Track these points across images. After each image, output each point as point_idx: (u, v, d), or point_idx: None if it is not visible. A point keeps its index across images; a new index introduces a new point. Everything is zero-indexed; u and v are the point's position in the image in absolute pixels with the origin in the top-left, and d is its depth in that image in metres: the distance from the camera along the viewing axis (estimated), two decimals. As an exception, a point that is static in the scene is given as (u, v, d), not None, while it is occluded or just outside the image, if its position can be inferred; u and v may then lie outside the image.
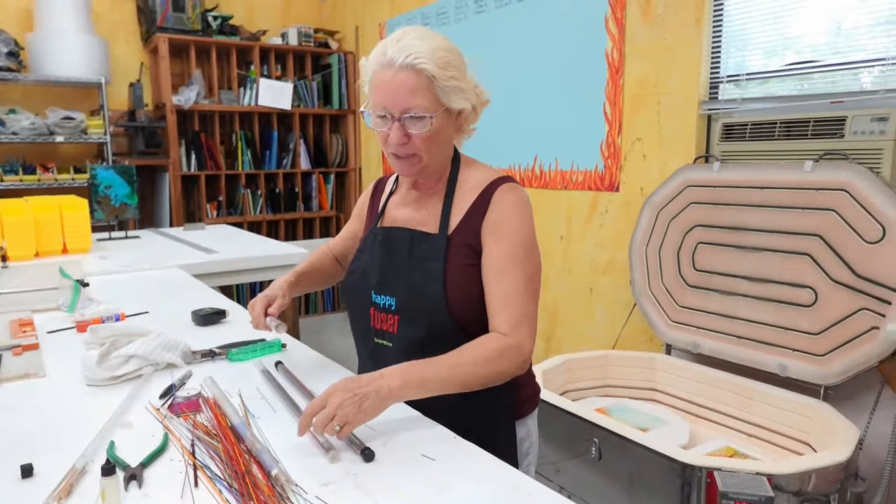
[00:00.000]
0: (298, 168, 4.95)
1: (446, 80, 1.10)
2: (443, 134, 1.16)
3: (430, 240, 1.19)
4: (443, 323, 1.13)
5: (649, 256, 2.53)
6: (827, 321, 2.00)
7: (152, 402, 1.12)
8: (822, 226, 1.99)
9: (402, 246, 1.21)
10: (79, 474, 0.86)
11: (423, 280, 1.16)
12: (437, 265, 1.15)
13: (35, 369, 1.29)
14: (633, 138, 2.78)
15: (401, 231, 1.24)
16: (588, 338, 3.07)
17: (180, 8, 4.35)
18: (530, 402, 1.29)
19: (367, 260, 1.26)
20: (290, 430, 1.01)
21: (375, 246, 1.25)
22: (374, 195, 1.41)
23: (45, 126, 3.96)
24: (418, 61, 1.07)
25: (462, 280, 1.14)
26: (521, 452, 1.26)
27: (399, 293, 1.18)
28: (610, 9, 2.80)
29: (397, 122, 1.11)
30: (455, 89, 1.12)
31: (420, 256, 1.18)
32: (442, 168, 1.24)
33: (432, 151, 1.16)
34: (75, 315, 1.65)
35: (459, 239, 1.17)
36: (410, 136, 1.12)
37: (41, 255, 2.60)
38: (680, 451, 1.78)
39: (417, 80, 1.08)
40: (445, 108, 1.13)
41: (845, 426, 1.86)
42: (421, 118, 1.10)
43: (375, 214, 1.35)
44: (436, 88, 1.10)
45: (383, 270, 1.22)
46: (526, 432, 1.27)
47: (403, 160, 1.16)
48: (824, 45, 2.20)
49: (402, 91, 1.08)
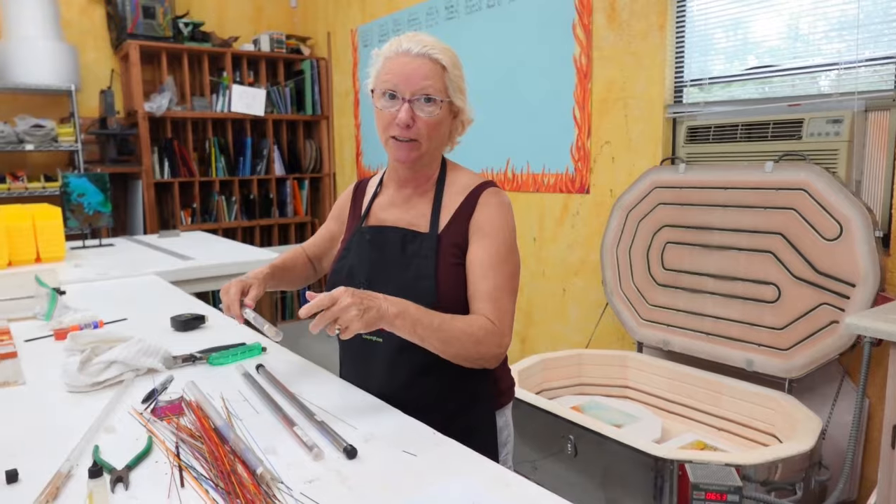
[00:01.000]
0: (273, 174, 4.94)
1: (455, 75, 1.21)
2: (443, 125, 1.23)
3: (421, 238, 1.24)
4: None
5: (620, 256, 2.59)
6: (790, 316, 2.08)
7: (135, 406, 1.14)
8: (783, 224, 2.07)
9: (393, 244, 1.26)
10: (65, 478, 0.87)
11: (414, 276, 1.21)
12: (428, 262, 1.21)
13: (14, 377, 1.29)
14: (602, 141, 2.84)
15: (391, 230, 1.28)
16: (562, 337, 3.13)
17: (151, 14, 4.32)
18: (507, 394, 1.35)
19: (354, 258, 1.29)
20: (273, 431, 1.04)
21: (363, 245, 1.29)
22: (356, 197, 1.43)
23: (15, 134, 3.91)
24: (433, 52, 1.18)
25: (451, 278, 1.20)
26: (501, 441, 1.32)
27: (390, 289, 1.20)
28: (577, 15, 2.87)
29: (407, 103, 1.17)
30: (459, 88, 1.22)
31: (412, 254, 1.23)
32: (433, 163, 1.30)
33: (432, 139, 1.22)
34: (52, 323, 1.65)
35: (448, 239, 1.23)
36: (416, 119, 1.18)
37: (14, 264, 2.57)
38: (652, 445, 1.84)
39: (433, 67, 1.18)
40: (450, 100, 1.22)
41: (809, 417, 1.94)
42: (431, 101, 1.18)
43: (359, 216, 1.38)
44: (446, 79, 1.19)
45: (372, 268, 1.26)
46: (504, 422, 1.34)
47: (404, 145, 1.21)
48: (783, 50, 2.29)
49: (417, 74, 1.17)
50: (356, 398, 1.18)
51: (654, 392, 2.48)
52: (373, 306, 1.02)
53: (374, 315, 1.02)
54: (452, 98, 1.22)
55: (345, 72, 4.83)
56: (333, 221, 1.50)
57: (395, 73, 1.18)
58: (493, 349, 1.16)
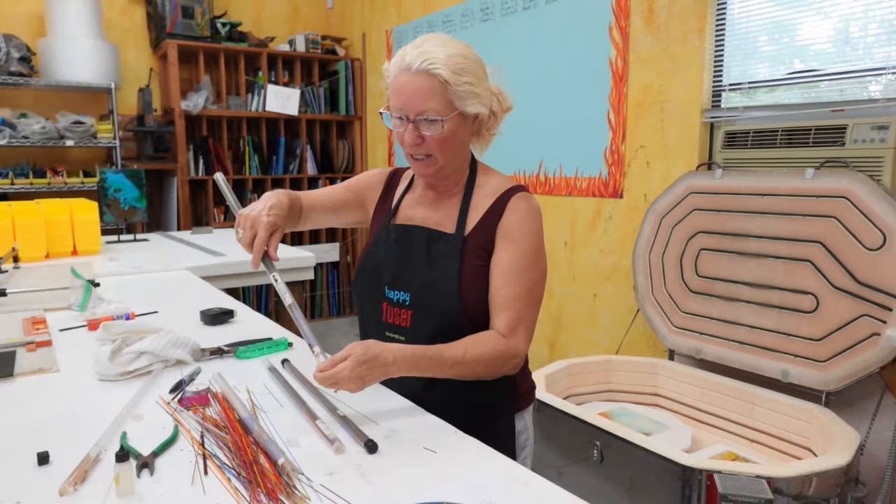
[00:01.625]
0: (305, 173, 4.99)
1: (460, 85, 1.14)
2: (457, 137, 1.20)
3: (446, 239, 1.23)
4: (455, 319, 1.18)
5: (653, 262, 2.55)
6: (828, 327, 2.02)
7: (163, 396, 1.15)
8: (823, 233, 2.01)
9: (419, 243, 1.25)
10: (93, 462, 0.88)
11: (439, 277, 1.20)
12: (453, 263, 1.20)
13: (49, 364, 1.32)
14: (637, 145, 2.80)
15: (418, 229, 1.28)
16: (592, 343, 3.09)
17: (189, 15, 4.40)
18: (527, 397, 1.34)
19: (380, 255, 1.29)
20: (296, 424, 1.04)
21: (389, 242, 1.29)
22: (389, 188, 1.42)
23: (56, 130, 4.01)
24: (433, 66, 1.13)
25: (475, 280, 1.20)
26: (519, 445, 1.31)
27: (414, 289, 1.23)
28: (614, 17, 2.84)
29: (412, 124, 1.16)
30: (470, 94, 1.16)
31: (437, 254, 1.23)
32: (459, 171, 1.28)
33: (446, 154, 1.20)
34: (86, 314, 1.68)
35: (474, 241, 1.22)
36: (424, 138, 1.17)
37: (52, 256, 2.63)
38: (680, 453, 1.80)
39: (432, 84, 1.13)
40: (459, 112, 1.17)
41: (846, 431, 1.87)
42: (433, 121, 1.15)
43: (389, 209, 1.37)
44: (449, 93, 1.14)
45: (398, 266, 1.25)
46: (523, 425, 1.32)
47: (420, 161, 1.21)
48: (828, 54, 2.22)
49: (416, 95, 1.14)
50: (379, 395, 1.18)
51: (685, 401, 2.43)
52: (375, 376, 1.03)
53: (374, 381, 1.04)
54: (462, 109, 1.17)
55: (379, 73, 4.85)
56: (347, 191, 1.41)
57: (398, 93, 1.16)
58: (506, 367, 1.18)
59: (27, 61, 3.99)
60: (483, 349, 1.13)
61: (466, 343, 1.13)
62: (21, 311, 1.74)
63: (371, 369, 1.02)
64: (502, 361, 1.16)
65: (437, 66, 1.13)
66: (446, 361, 1.09)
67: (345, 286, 5.32)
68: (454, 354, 1.10)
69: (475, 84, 1.17)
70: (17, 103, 4.16)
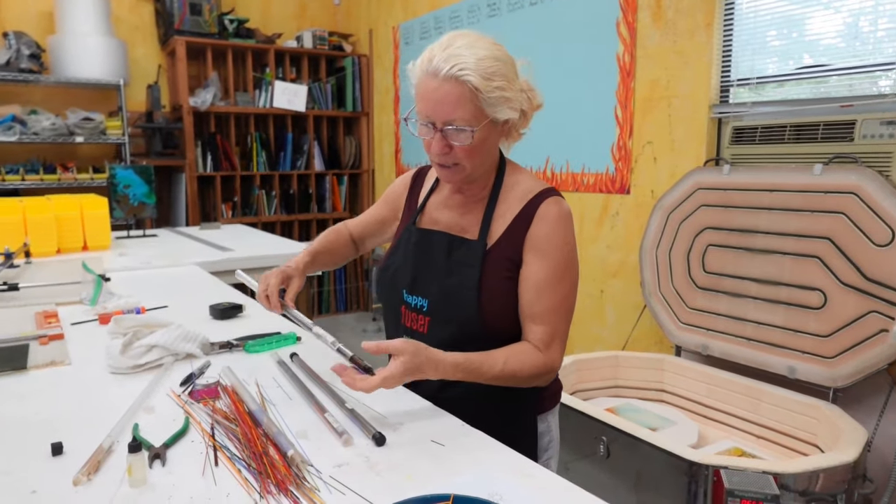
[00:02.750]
0: (312, 169, 5.01)
1: (491, 90, 1.07)
2: (486, 144, 1.14)
3: (468, 245, 1.19)
4: (473, 330, 1.15)
5: (659, 258, 2.55)
6: (836, 324, 2.01)
7: (173, 389, 1.16)
8: (832, 229, 2.01)
9: (439, 249, 1.22)
10: (106, 453, 0.90)
11: (457, 285, 1.16)
12: (473, 271, 1.16)
13: (61, 357, 1.33)
14: (644, 141, 2.80)
15: (439, 234, 1.24)
16: (599, 339, 3.09)
17: (197, 11, 4.42)
18: (552, 399, 1.30)
19: (400, 258, 1.27)
20: (305, 416, 1.05)
21: (409, 246, 1.26)
22: (414, 186, 1.39)
23: (66, 126, 4.04)
24: (463, 73, 1.05)
25: (498, 291, 1.15)
26: (541, 446, 1.28)
27: (432, 295, 1.20)
28: (621, 13, 2.83)
29: (439, 133, 1.10)
30: (501, 100, 1.09)
31: (458, 261, 1.19)
32: (486, 176, 1.23)
33: (475, 161, 1.15)
34: (97, 308, 1.70)
35: (500, 251, 1.17)
36: (452, 147, 1.11)
37: (62, 251, 2.66)
38: (687, 449, 1.80)
39: (461, 92, 1.06)
40: (490, 119, 1.11)
41: (853, 427, 1.87)
42: (462, 130, 1.09)
43: (414, 209, 1.34)
44: (480, 101, 1.07)
45: (416, 271, 1.23)
46: (546, 427, 1.28)
47: (447, 169, 1.16)
48: (837, 49, 2.21)
49: (445, 103, 1.07)
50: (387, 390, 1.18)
51: (692, 397, 2.43)
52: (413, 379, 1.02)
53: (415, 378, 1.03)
54: (492, 116, 1.10)
55: (386, 69, 4.86)
56: (385, 206, 1.45)
57: (426, 99, 1.09)
58: (542, 381, 1.16)
59: (37, 58, 4.02)
60: (522, 362, 1.11)
61: (506, 354, 1.11)
62: (33, 305, 1.76)
63: (414, 374, 1.01)
64: (538, 376, 1.14)
65: (467, 71, 1.05)
66: (484, 373, 1.08)
67: (352, 282, 5.34)
68: (493, 366, 1.08)
69: (506, 88, 1.09)
70: (27, 100, 4.20)
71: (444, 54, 1.07)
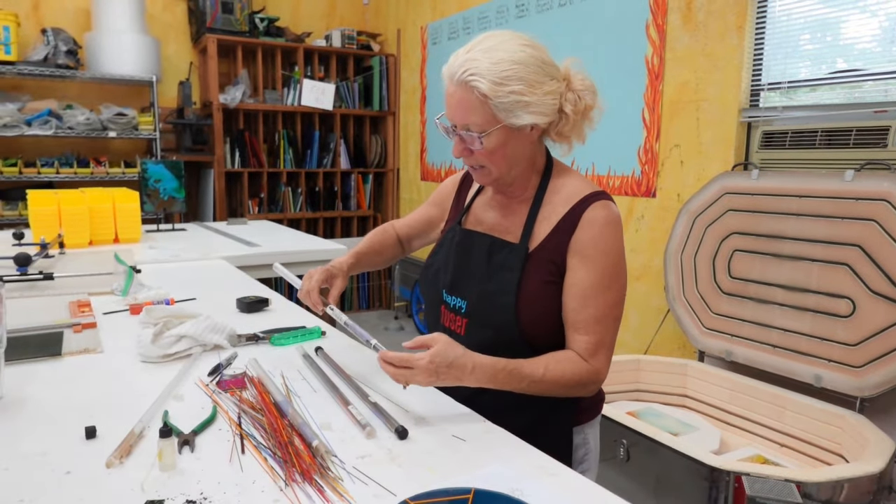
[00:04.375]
0: (338, 168, 5.05)
1: (503, 96, 1.05)
2: (507, 149, 1.11)
3: (509, 248, 1.17)
4: (510, 334, 1.13)
5: (684, 263, 2.53)
6: (865, 332, 1.98)
7: (202, 378, 1.19)
8: (862, 236, 1.98)
9: (480, 251, 1.20)
10: (137, 437, 0.93)
11: (496, 289, 1.15)
12: (513, 276, 1.13)
13: (94, 345, 1.37)
14: (672, 144, 2.78)
15: (480, 236, 1.22)
16: (621, 342, 3.07)
17: (229, 10, 4.49)
18: (590, 411, 1.26)
19: (442, 258, 1.27)
20: (329, 409, 1.07)
21: (452, 246, 1.25)
22: (462, 187, 1.38)
23: (99, 121, 4.13)
24: (473, 78, 1.05)
25: (538, 296, 1.13)
26: (576, 459, 1.24)
27: (471, 297, 1.18)
28: (651, 15, 2.81)
29: (457, 136, 1.12)
30: (517, 105, 1.06)
31: (498, 264, 1.17)
32: (523, 180, 1.20)
33: (499, 165, 1.13)
34: (128, 298, 1.74)
35: (543, 254, 1.14)
36: (472, 150, 1.12)
37: (95, 243, 2.72)
38: (708, 454, 1.79)
39: (470, 97, 1.06)
40: (504, 124, 1.08)
41: (881, 438, 1.84)
42: (473, 135, 1.09)
43: (460, 209, 1.33)
44: (490, 106, 1.06)
45: (456, 272, 1.22)
46: (582, 439, 1.24)
47: (476, 171, 1.16)
48: (872, 54, 2.18)
49: (458, 108, 1.09)
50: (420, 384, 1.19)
51: (715, 403, 2.41)
52: (449, 377, 1.00)
53: (442, 383, 1.01)
54: (506, 121, 1.07)
55: (413, 69, 4.88)
56: (433, 207, 1.45)
57: (446, 103, 1.11)
58: (586, 391, 1.12)
59: (74, 54, 4.12)
60: (563, 370, 1.07)
61: (547, 361, 1.08)
62: (67, 295, 1.81)
63: (449, 368, 0.99)
64: (581, 385, 1.09)
65: (477, 77, 1.04)
66: (525, 378, 1.05)
67: (375, 280, 5.37)
68: (534, 372, 1.05)
69: (525, 93, 1.06)
70: (63, 95, 4.30)
71: (462, 59, 1.07)
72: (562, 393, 1.10)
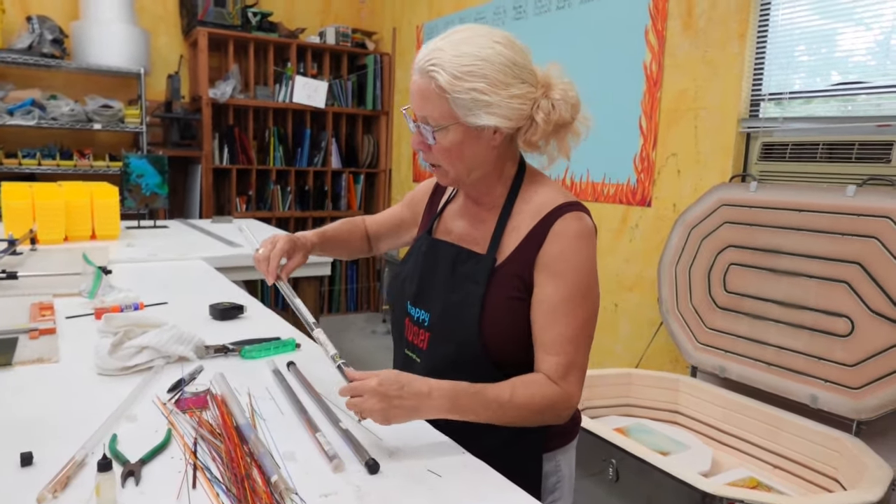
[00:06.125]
0: (329, 167, 4.96)
1: (461, 92, 0.98)
2: (464, 148, 1.04)
3: (475, 259, 1.10)
4: (473, 350, 1.06)
5: (679, 275, 2.46)
6: (863, 353, 1.91)
7: (160, 395, 1.10)
8: (863, 253, 1.91)
9: (444, 261, 1.14)
10: (77, 466, 0.84)
11: (460, 300, 1.08)
12: (478, 288, 1.06)
13: (49, 354, 1.28)
14: (668, 153, 2.71)
15: (447, 246, 1.16)
16: (611, 354, 3.01)
17: (221, 3, 4.39)
18: (563, 436, 1.17)
19: (409, 268, 1.20)
20: (295, 435, 0.98)
21: (419, 255, 1.19)
22: (435, 193, 1.32)
23: (84, 113, 4.02)
24: (433, 69, 0.99)
25: (503, 312, 1.05)
26: (546, 488, 1.15)
27: (434, 310, 1.12)
28: (651, 20, 2.74)
29: (417, 128, 1.06)
30: (477, 103, 0.99)
31: (462, 275, 1.10)
32: (487, 187, 1.12)
33: (455, 166, 1.06)
34: (95, 302, 1.65)
35: (509, 268, 1.06)
36: (430, 145, 1.05)
37: (70, 239, 2.62)
38: (700, 478, 1.72)
39: (428, 87, 1.00)
40: (460, 122, 1.01)
41: (878, 465, 1.77)
42: (429, 128, 1.03)
43: (432, 216, 1.27)
44: (448, 101, 0.99)
45: (422, 282, 1.16)
46: (554, 466, 1.16)
47: (434, 169, 1.10)
48: (871, 67, 2.12)
49: (417, 96, 1.03)
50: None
51: (707, 420, 2.33)
52: (405, 407, 0.92)
53: (403, 416, 0.92)
54: (464, 119, 1.00)
55: (408, 68, 4.80)
56: (405, 208, 1.39)
57: (410, 90, 1.06)
58: (557, 417, 1.03)
59: (59, 44, 4.01)
60: (532, 393, 0.99)
61: (514, 383, 0.99)
62: (31, 296, 1.72)
63: (401, 391, 0.91)
64: (551, 410, 1.00)
65: (437, 68, 0.98)
66: (490, 402, 0.96)
67: (363, 282, 5.28)
68: (500, 395, 0.97)
69: (487, 91, 0.98)
70: (47, 85, 4.19)
71: (431, 47, 1.02)
72: (533, 421, 1.01)
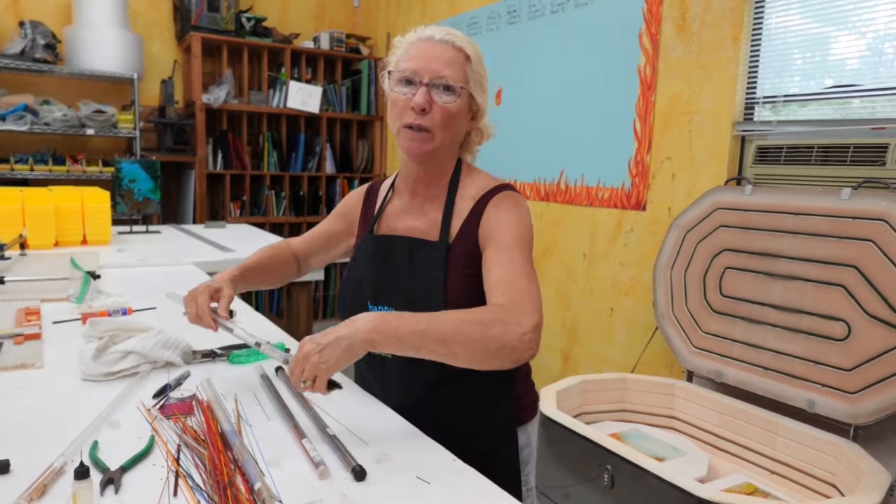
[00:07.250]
0: (323, 172, 4.94)
1: (480, 68, 1.16)
2: (460, 119, 1.16)
3: (430, 247, 1.16)
4: None
5: (674, 279, 2.44)
6: (860, 357, 1.90)
7: (144, 401, 1.08)
8: (859, 256, 1.90)
9: (399, 255, 1.18)
10: (56, 474, 0.81)
11: (423, 289, 1.12)
12: (438, 273, 1.12)
13: (33, 360, 1.25)
14: (663, 157, 2.70)
15: (398, 240, 1.21)
16: (606, 358, 2.99)
17: (215, 8, 4.38)
18: (530, 409, 1.28)
19: (360, 270, 1.22)
20: (281, 441, 0.96)
21: (367, 256, 1.22)
22: (368, 200, 1.36)
23: (77, 118, 4.00)
24: (458, 41, 1.13)
25: (463, 290, 1.11)
26: (522, 459, 1.24)
27: (398, 302, 1.15)
28: (645, 24, 2.74)
29: (424, 87, 1.10)
30: (480, 85, 1.16)
31: (420, 264, 1.15)
32: (446, 163, 1.21)
33: (447, 131, 1.14)
34: (83, 307, 1.63)
35: (459, 247, 1.14)
36: (433, 105, 1.10)
37: (61, 244, 2.60)
38: (696, 485, 1.69)
39: (455, 55, 1.12)
40: (470, 92, 1.15)
41: (876, 470, 1.76)
42: (450, 88, 1.11)
43: (370, 221, 1.30)
44: (468, 70, 1.13)
45: (379, 280, 1.19)
46: (526, 439, 1.25)
47: (417, 135, 1.12)
48: (866, 70, 2.11)
49: (437, 60, 1.11)
50: (374, 412, 1.10)
51: (703, 426, 2.31)
52: (332, 341, 0.91)
53: (334, 349, 0.91)
54: (473, 92, 1.15)
55: (402, 73, 4.79)
56: (336, 220, 1.41)
57: (415, 57, 1.12)
58: (508, 334, 0.94)
59: (52, 48, 3.99)
60: (483, 310, 0.97)
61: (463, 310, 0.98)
62: (18, 301, 1.69)
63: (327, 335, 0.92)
64: (501, 326, 0.94)
65: (462, 42, 1.14)
66: (423, 315, 0.94)
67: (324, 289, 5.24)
68: (433, 313, 0.95)
69: (485, 80, 1.18)
70: (40, 90, 4.17)
71: (438, 28, 1.16)
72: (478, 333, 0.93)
